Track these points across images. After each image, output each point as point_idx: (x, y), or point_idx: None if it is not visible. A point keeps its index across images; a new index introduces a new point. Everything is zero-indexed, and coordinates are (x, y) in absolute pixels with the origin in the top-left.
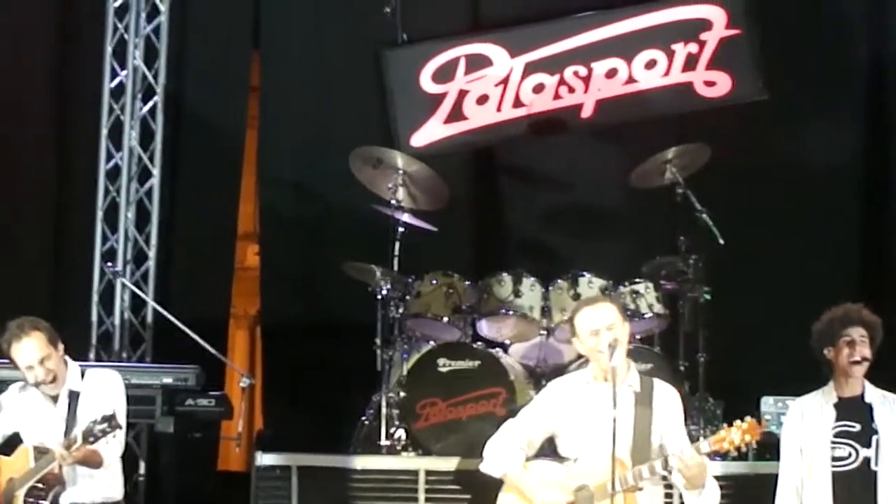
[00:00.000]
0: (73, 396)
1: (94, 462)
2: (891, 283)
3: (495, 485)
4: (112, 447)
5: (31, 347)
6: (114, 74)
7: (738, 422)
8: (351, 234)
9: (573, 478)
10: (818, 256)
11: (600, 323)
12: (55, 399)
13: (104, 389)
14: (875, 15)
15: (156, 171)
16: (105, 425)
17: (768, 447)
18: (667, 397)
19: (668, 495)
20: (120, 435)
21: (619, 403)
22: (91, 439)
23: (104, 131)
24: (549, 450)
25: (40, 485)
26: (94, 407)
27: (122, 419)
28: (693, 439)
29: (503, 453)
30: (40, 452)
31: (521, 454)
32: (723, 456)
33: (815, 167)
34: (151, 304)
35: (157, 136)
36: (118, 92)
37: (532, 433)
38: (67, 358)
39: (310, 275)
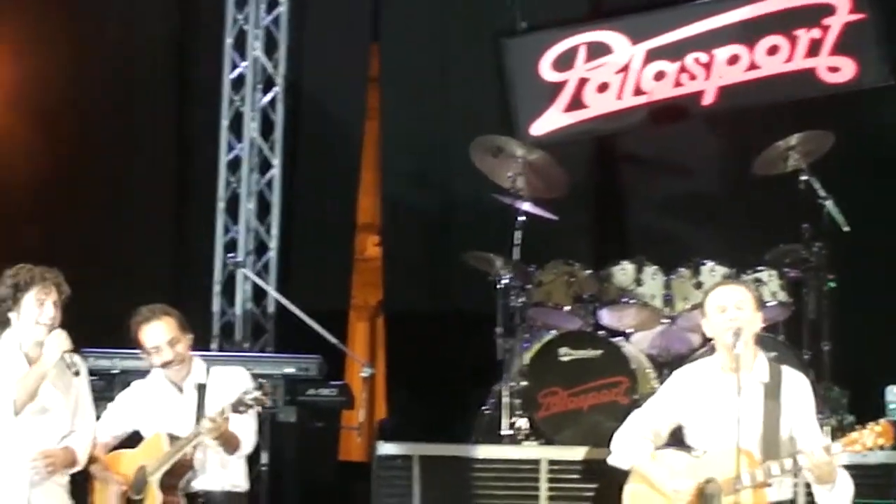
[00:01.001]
0: (200, 388)
1: (231, 445)
2: None
3: (618, 475)
4: (248, 434)
5: (161, 329)
6: (234, 66)
7: (871, 424)
8: (472, 224)
9: (701, 469)
10: None
11: (729, 301)
12: (181, 389)
13: (233, 381)
14: None
15: (276, 162)
16: (257, 394)
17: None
18: (797, 386)
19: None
20: (253, 426)
21: (747, 394)
22: (241, 408)
23: (225, 122)
24: (675, 441)
25: (174, 470)
26: (223, 397)
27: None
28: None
29: (631, 445)
30: (174, 438)
31: (649, 445)
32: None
33: None
34: (273, 294)
35: (278, 126)
36: (238, 83)
37: (659, 424)
38: (193, 354)
39: (431, 265)
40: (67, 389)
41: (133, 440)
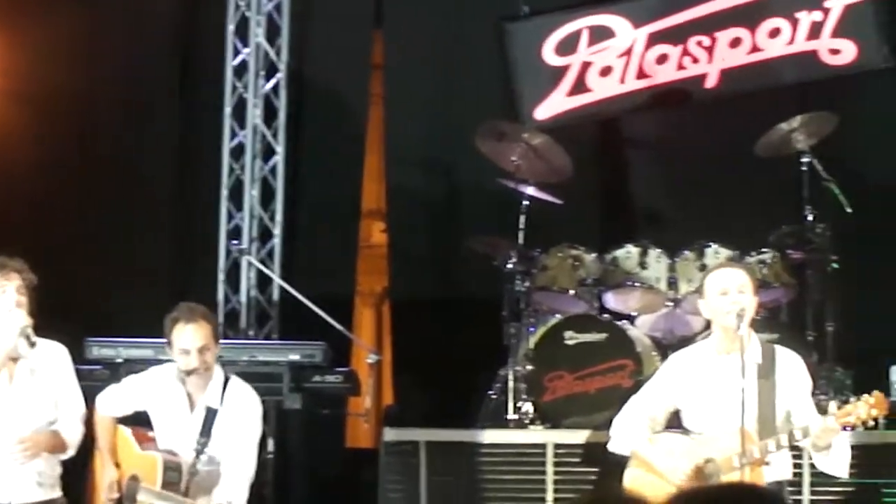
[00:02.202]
0: (211, 413)
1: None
2: None
3: (623, 458)
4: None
5: (196, 332)
6: (236, 52)
7: (865, 396)
8: (477, 209)
9: (699, 450)
10: None
11: (731, 284)
12: (192, 406)
13: (242, 413)
14: None
15: (279, 149)
16: None
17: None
18: (790, 364)
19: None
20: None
21: (746, 374)
22: None
23: (228, 109)
24: (674, 423)
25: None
26: (230, 429)
27: (254, 447)
28: (822, 410)
29: (629, 431)
30: (169, 469)
31: (647, 429)
32: (852, 426)
33: None
34: (277, 281)
35: (281, 113)
36: (241, 70)
37: (656, 408)
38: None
39: (437, 250)
40: (38, 373)
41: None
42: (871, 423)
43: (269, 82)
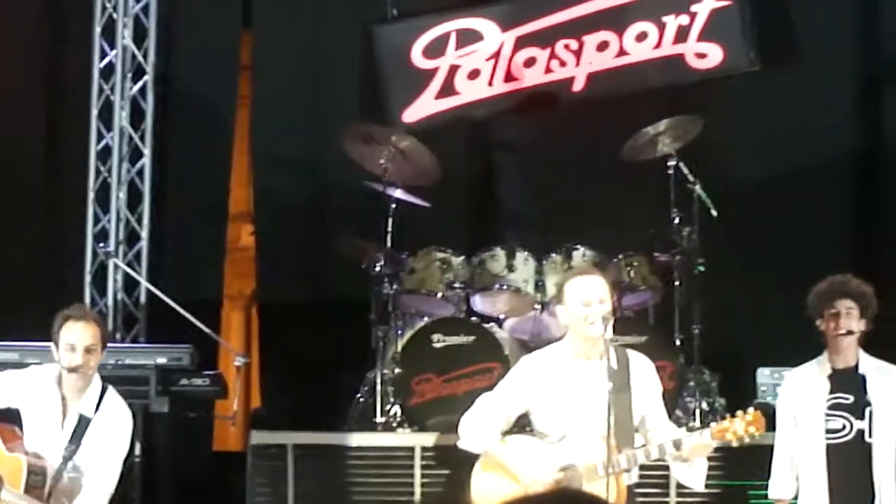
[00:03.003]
0: (84, 421)
1: None
2: (885, 251)
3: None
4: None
5: (86, 331)
6: (103, 54)
7: (740, 412)
8: (345, 212)
9: (558, 456)
10: (813, 225)
11: (594, 295)
12: (65, 413)
13: (114, 427)
14: None
15: (147, 151)
16: None
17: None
18: (644, 370)
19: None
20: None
21: (601, 381)
22: None
23: (94, 112)
24: (521, 427)
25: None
26: (99, 440)
27: (119, 463)
28: (689, 412)
29: (481, 429)
30: (34, 474)
31: (498, 429)
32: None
33: (807, 136)
34: (145, 283)
35: (148, 115)
36: (108, 72)
37: (508, 409)
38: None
39: (304, 253)
40: None
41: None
42: (747, 440)
43: (137, 84)
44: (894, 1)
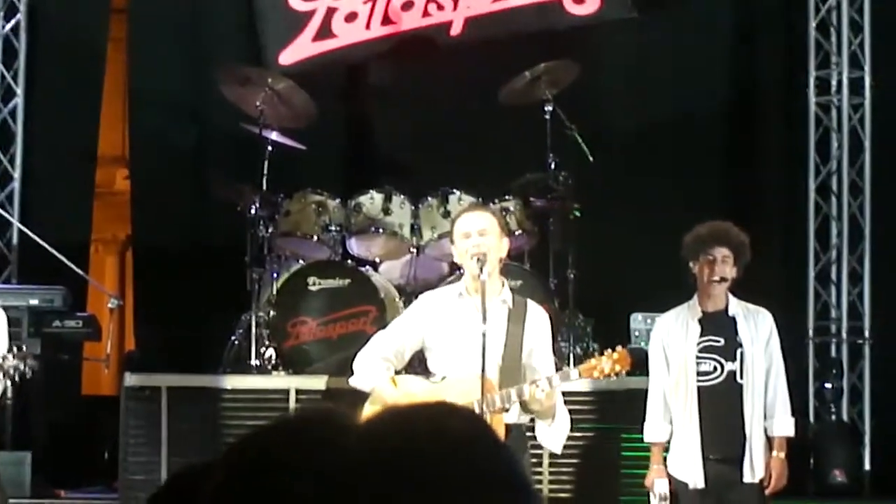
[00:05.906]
0: None
1: None
2: (759, 198)
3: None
4: None
5: None
6: None
7: (608, 351)
8: (221, 154)
9: (439, 395)
10: (689, 172)
11: (473, 227)
12: None
13: None
14: None
15: (20, 91)
16: (15, 362)
17: (638, 363)
18: (539, 318)
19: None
20: None
21: (492, 319)
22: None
23: None
24: (419, 365)
25: None
26: None
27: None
28: (563, 356)
29: (371, 367)
30: None
31: (390, 367)
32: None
33: (683, 84)
34: (17, 224)
35: (21, 55)
36: None
37: (401, 346)
38: None
39: (180, 196)
40: None
41: None
42: (613, 377)
43: (9, 23)
44: None
